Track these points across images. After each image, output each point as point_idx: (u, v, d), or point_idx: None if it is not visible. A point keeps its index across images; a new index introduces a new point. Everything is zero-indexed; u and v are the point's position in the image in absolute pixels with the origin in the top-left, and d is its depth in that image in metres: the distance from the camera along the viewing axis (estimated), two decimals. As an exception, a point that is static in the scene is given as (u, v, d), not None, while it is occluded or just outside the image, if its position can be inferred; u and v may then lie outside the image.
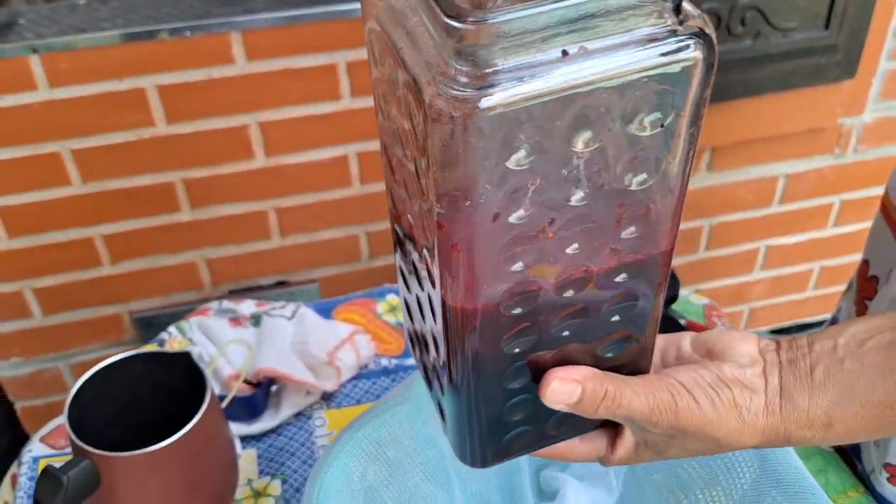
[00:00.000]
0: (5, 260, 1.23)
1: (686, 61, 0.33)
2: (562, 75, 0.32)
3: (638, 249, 0.40)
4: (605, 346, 0.44)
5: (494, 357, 0.42)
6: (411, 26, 0.35)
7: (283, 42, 1.16)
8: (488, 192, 0.34)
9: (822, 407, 0.46)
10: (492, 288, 0.39)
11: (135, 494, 0.70)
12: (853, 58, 1.30)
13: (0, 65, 1.08)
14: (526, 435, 0.48)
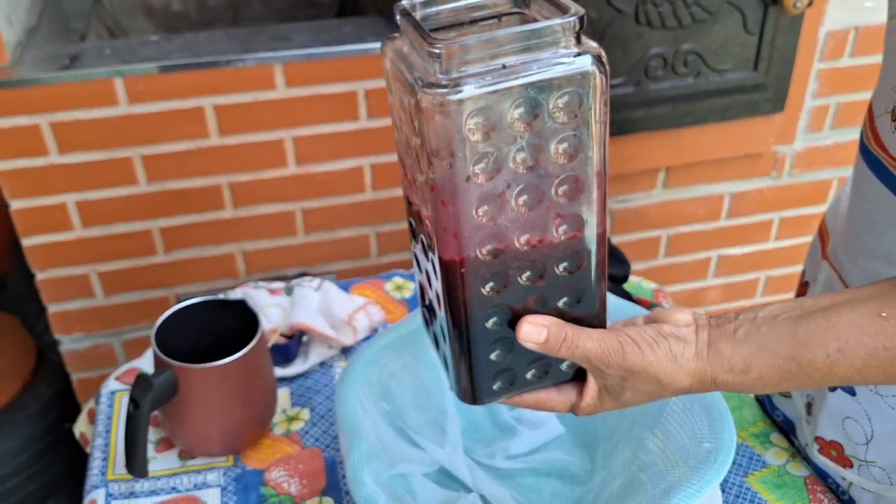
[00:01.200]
0: (77, 247, 1.36)
1: (584, 69, 0.46)
2: (503, 80, 0.45)
3: (574, 219, 0.50)
4: (563, 300, 0.54)
5: (479, 302, 0.52)
6: (408, 57, 0.48)
7: (314, 73, 1.31)
8: (460, 160, 0.46)
9: (741, 356, 0.54)
10: (471, 240, 0.49)
11: (203, 400, 0.84)
12: (781, 95, 1.45)
13: (91, 85, 1.24)
14: (509, 376, 0.56)
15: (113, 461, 0.90)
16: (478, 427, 0.85)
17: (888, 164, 0.65)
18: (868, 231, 0.70)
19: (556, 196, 0.49)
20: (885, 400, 0.71)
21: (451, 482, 0.80)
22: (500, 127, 0.46)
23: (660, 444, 0.74)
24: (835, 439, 0.78)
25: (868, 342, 0.53)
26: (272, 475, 0.87)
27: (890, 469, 0.73)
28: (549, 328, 0.53)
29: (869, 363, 0.53)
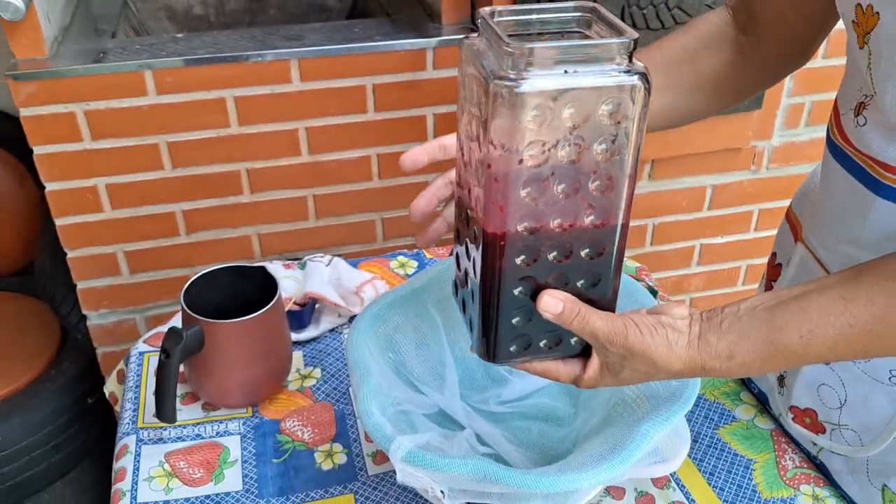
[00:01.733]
0: (106, 227, 1.44)
1: (632, 84, 0.53)
2: (562, 82, 0.52)
3: (603, 211, 0.58)
4: (582, 282, 0.61)
5: (512, 273, 0.59)
6: (483, 54, 0.55)
7: (327, 68, 1.39)
8: (516, 145, 0.53)
9: (726, 344, 0.60)
10: (514, 216, 0.56)
11: (226, 354, 0.91)
12: (758, 93, 1.44)
13: (122, 77, 1.32)
14: (525, 341, 0.63)
15: (143, 412, 0.96)
16: (473, 377, 0.93)
17: (853, 155, 0.70)
18: (838, 218, 0.75)
19: (590, 189, 0.57)
20: (857, 365, 0.77)
21: (449, 423, 0.87)
22: (553, 122, 0.53)
23: (634, 388, 0.81)
24: (809, 407, 0.84)
25: (835, 322, 0.59)
26: (287, 424, 0.94)
27: (861, 431, 0.78)
28: (565, 302, 0.60)
29: (838, 341, 0.60)
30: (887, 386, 0.75)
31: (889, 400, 0.76)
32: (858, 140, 0.70)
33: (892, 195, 0.67)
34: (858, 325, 0.59)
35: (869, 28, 0.64)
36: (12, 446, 1.57)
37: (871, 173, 0.69)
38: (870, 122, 0.68)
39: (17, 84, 1.30)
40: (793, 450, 0.89)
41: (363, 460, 0.90)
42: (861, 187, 0.70)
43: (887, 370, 0.75)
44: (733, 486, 0.86)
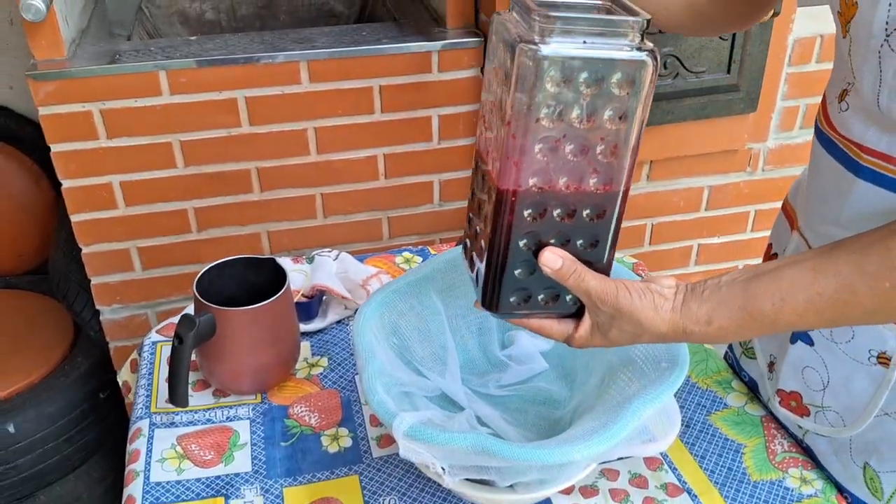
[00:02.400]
0: (120, 223, 1.47)
1: (641, 59, 0.58)
2: (582, 50, 0.57)
3: (606, 176, 0.62)
4: (581, 242, 0.66)
5: (519, 227, 0.64)
6: (513, 26, 0.60)
7: (335, 70, 1.42)
8: (535, 103, 0.58)
9: (705, 310, 0.65)
10: (527, 171, 0.61)
11: (237, 340, 0.94)
12: (753, 96, 1.55)
13: (138, 77, 1.35)
14: (525, 294, 0.68)
15: (156, 397, 0.99)
16: (474, 362, 0.96)
17: (836, 140, 0.76)
18: (822, 200, 0.79)
19: (597, 153, 0.61)
20: (839, 347, 0.80)
21: (450, 405, 0.90)
22: (570, 85, 0.58)
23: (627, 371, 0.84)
24: (795, 390, 0.87)
25: (805, 291, 0.63)
26: (295, 410, 0.97)
27: (843, 412, 0.82)
28: (564, 259, 0.65)
29: (808, 309, 0.64)
30: (867, 366, 0.79)
31: (869, 380, 0.79)
32: (841, 125, 0.74)
33: (871, 176, 0.71)
34: (826, 294, 0.63)
35: (849, 17, 0.69)
36: (26, 439, 1.60)
37: (852, 156, 0.73)
38: (851, 108, 0.73)
39: (36, 83, 1.33)
40: (782, 435, 0.92)
41: (368, 444, 0.93)
42: (843, 169, 0.74)
43: (867, 350, 0.78)
44: (724, 468, 0.89)
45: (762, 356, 0.95)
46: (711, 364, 1.04)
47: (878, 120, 0.70)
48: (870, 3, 0.66)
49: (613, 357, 0.87)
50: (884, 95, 0.67)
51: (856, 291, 0.63)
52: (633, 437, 0.75)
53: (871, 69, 0.68)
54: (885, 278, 0.62)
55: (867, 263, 0.63)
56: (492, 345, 0.98)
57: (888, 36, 0.65)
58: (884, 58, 0.66)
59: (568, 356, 0.96)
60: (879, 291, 0.62)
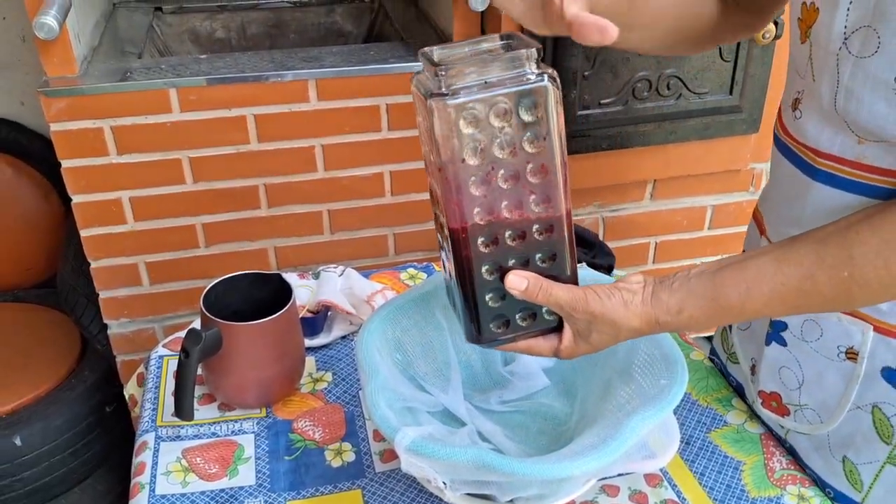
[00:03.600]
0: (129, 238, 1.48)
1: (542, 85, 0.62)
2: (484, 91, 0.62)
3: (543, 194, 0.66)
4: (539, 257, 0.69)
5: (477, 257, 0.68)
6: (426, 82, 0.64)
7: (343, 88, 1.43)
8: (457, 147, 0.63)
9: (676, 300, 0.68)
10: (469, 208, 0.65)
11: (242, 355, 0.95)
12: (755, 117, 1.56)
13: (149, 94, 1.37)
14: (504, 320, 0.71)
15: (161, 411, 1.00)
16: (476, 378, 0.97)
17: (792, 146, 0.80)
18: (783, 204, 0.83)
19: (528, 176, 0.66)
20: (809, 345, 0.83)
21: (452, 421, 0.91)
22: (483, 124, 0.63)
23: (626, 387, 0.85)
24: (774, 390, 0.89)
25: (770, 281, 0.67)
26: (299, 424, 0.97)
27: (819, 408, 0.85)
28: (529, 279, 0.68)
29: (773, 297, 0.67)
30: (837, 362, 0.82)
31: (840, 375, 0.82)
32: (796, 131, 0.78)
33: (826, 179, 0.75)
34: (790, 283, 0.67)
35: (810, 22, 0.73)
36: (32, 452, 1.61)
37: (808, 160, 0.77)
38: (805, 114, 0.77)
39: (48, 100, 1.35)
40: (781, 453, 0.92)
41: (371, 458, 0.93)
42: (800, 174, 0.78)
43: (836, 346, 0.81)
44: (723, 485, 0.89)
45: (744, 360, 0.97)
46: (712, 382, 1.04)
47: (834, 122, 0.73)
48: (830, 8, 0.70)
49: (614, 374, 0.88)
50: (840, 97, 0.71)
51: (816, 280, 0.66)
52: (632, 453, 0.76)
53: (830, 72, 0.71)
54: (843, 268, 0.66)
55: (826, 254, 0.66)
56: (494, 361, 0.99)
57: (846, 39, 0.69)
58: (841, 60, 0.70)
59: (569, 373, 0.97)
60: (838, 280, 0.66)
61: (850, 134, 0.72)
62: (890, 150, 0.70)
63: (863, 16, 0.67)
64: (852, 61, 0.69)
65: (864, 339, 0.79)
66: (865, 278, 0.66)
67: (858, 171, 0.73)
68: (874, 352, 0.79)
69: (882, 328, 0.78)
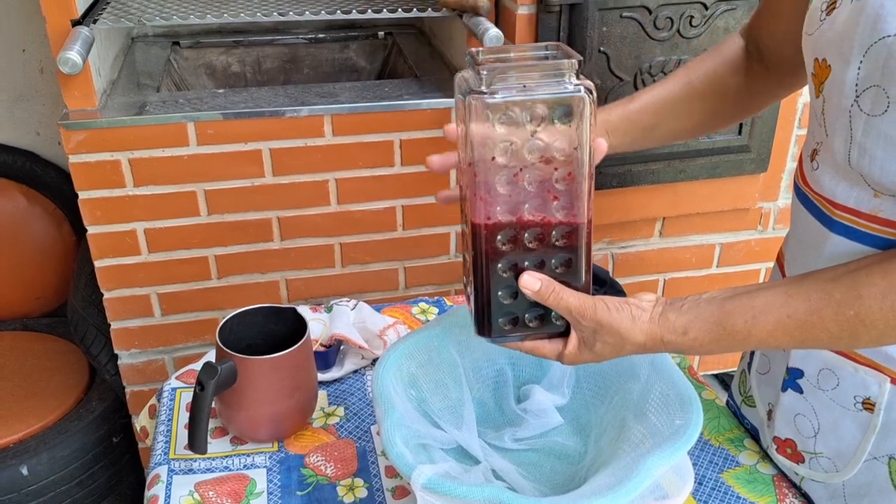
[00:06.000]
0: (143, 269, 1.48)
1: (578, 95, 0.65)
2: (523, 94, 0.65)
3: (567, 200, 0.69)
4: (555, 262, 0.71)
5: (495, 254, 0.70)
6: (469, 80, 0.67)
7: (358, 124, 1.45)
8: (489, 145, 0.66)
9: (682, 322, 0.70)
10: (493, 205, 0.68)
11: (258, 388, 0.95)
12: (764, 157, 1.58)
13: (167, 128, 1.38)
14: (514, 317, 0.73)
15: (174, 443, 1.00)
16: (490, 416, 0.97)
17: (811, 196, 0.81)
18: (802, 251, 0.84)
19: (554, 182, 0.68)
20: (826, 394, 0.84)
21: (466, 458, 0.91)
22: (517, 126, 0.66)
23: (640, 427, 0.85)
24: (789, 437, 0.90)
25: (775, 312, 0.69)
26: (311, 459, 0.97)
27: (835, 457, 0.84)
28: (542, 281, 0.70)
29: (778, 328, 0.69)
30: (853, 412, 0.82)
31: (856, 425, 0.82)
32: (814, 182, 0.79)
33: (842, 230, 0.76)
34: (795, 316, 0.69)
35: (823, 78, 0.74)
36: (39, 482, 1.61)
37: (825, 211, 0.78)
38: (821, 166, 0.78)
39: (68, 133, 1.37)
40: (793, 494, 0.92)
41: (383, 494, 0.93)
42: (817, 223, 0.79)
43: (852, 396, 0.81)
44: (736, 526, 0.90)
45: (761, 404, 0.97)
46: (724, 422, 1.04)
47: (848, 176, 0.74)
48: (842, 65, 0.71)
49: (628, 413, 0.89)
50: (854, 152, 0.72)
51: (823, 316, 0.68)
52: (646, 494, 0.76)
53: (843, 128, 0.72)
54: (851, 307, 0.67)
55: (835, 291, 0.68)
56: (508, 398, 0.99)
57: (858, 96, 0.70)
58: (854, 117, 0.71)
59: (583, 411, 0.97)
60: (844, 318, 0.67)
61: (865, 187, 0.73)
62: None
63: (872, 75, 0.68)
64: (864, 119, 0.70)
65: (882, 391, 0.79)
66: (871, 318, 0.67)
67: (874, 225, 0.73)
68: (891, 403, 0.79)
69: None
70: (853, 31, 0.69)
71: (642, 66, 1.47)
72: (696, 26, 1.45)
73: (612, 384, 0.95)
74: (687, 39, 1.46)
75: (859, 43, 0.69)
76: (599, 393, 0.96)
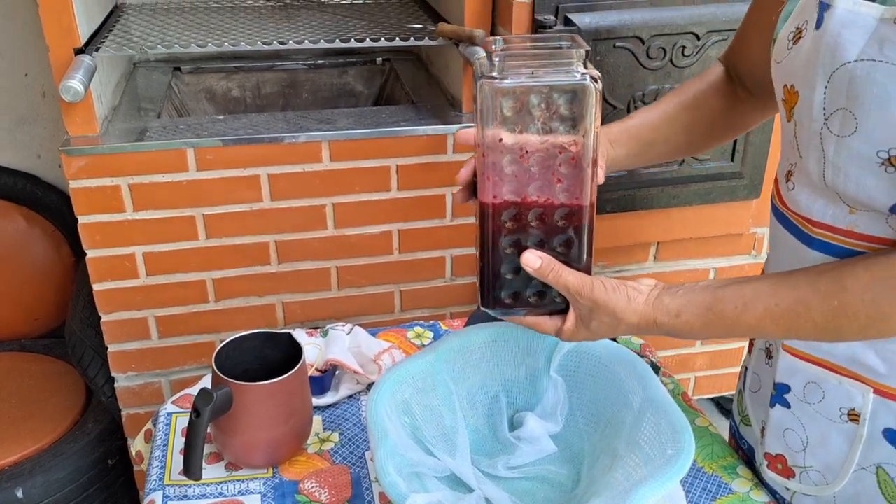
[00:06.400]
0: (140, 293, 1.49)
1: (583, 83, 0.69)
2: (531, 80, 0.69)
3: (570, 183, 0.72)
4: (556, 241, 0.75)
5: (501, 232, 0.75)
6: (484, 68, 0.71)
7: (355, 150, 1.46)
8: (497, 126, 0.70)
9: (676, 305, 0.75)
10: (499, 184, 0.72)
11: (253, 414, 0.95)
12: (756, 182, 1.59)
13: (167, 153, 1.39)
14: (515, 291, 0.78)
15: (169, 469, 1.00)
16: (483, 443, 0.98)
17: (788, 215, 0.83)
18: (781, 268, 0.83)
19: (558, 165, 0.72)
20: (812, 407, 0.85)
21: (459, 486, 0.91)
22: (525, 109, 0.70)
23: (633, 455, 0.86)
24: (779, 452, 0.91)
25: (765, 300, 0.73)
26: (306, 486, 0.97)
27: (824, 470, 0.86)
28: (543, 259, 0.74)
29: (765, 315, 0.73)
30: (839, 424, 0.84)
31: (843, 436, 0.84)
32: (791, 202, 0.82)
33: (821, 247, 0.79)
34: (783, 305, 0.72)
35: (793, 103, 0.78)
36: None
37: (803, 229, 0.81)
38: (797, 186, 0.81)
39: (69, 158, 1.38)
40: (785, 521, 0.93)
41: (378, 521, 0.93)
42: (796, 241, 0.82)
43: (838, 408, 0.83)
44: (728, 554, 0.90)
45: (755, 422, 0.98)
46: (717, 449, 1.05)
47: (824, 194, 0.77)
48: (808, 91, 0.74)
49: (620, 442, 0.89)
50: (828, 171, 0.75)
51: (809, 306, 0.71)
52: (639, 523, 0.77)
53: (815, 149, 0.75)
54: (835, 297, 0.70)
55: (821, 283, 0.72)
56: (501, 426, 0.99)
57: (826, 119, 0.73)
58: (825, 138, 0.74)
59: (576, 439, 0.97)
60: (828, 308, 0.71)
61: (841, 204, 0.76)
62: (880, 219, 0.73)
63: (837, 99, 0.72)
64: (835, 140, 0.73)
65: (865, 401, 0.81)
66: (854, 310, 0.70)
67: (851, 240, 0.76)
68: (875, 413, 0.81)
69: (882, 391, 0.80)
70: (816, 58, 0.73)
71: (635, 95, 1.49)
72: (688, 56, 1.47)
73: (604, 412, 0.95)
74: (679, 69, 1.48)
75: (822, 70, 0.72)
76: (592, 421, 0.97)
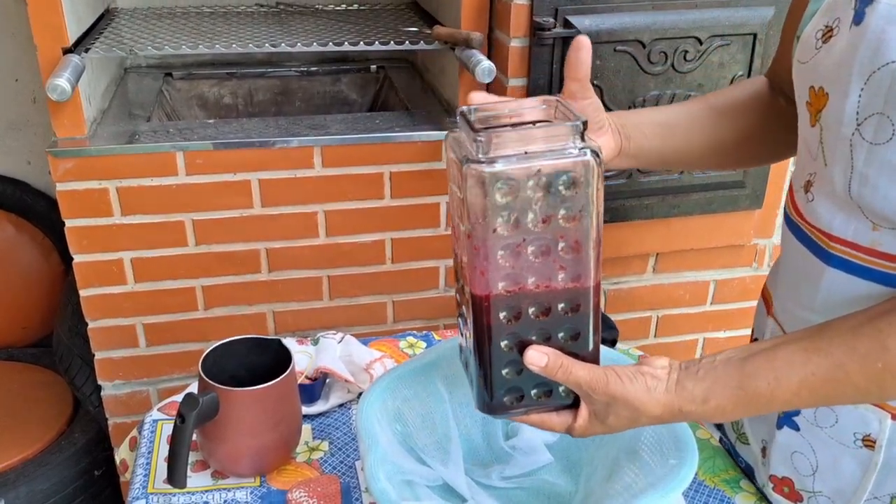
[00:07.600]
0: (128, 299, 1.47)
1: (584, 160, 0.61)
2: (524, 162, 0.60)
3: (573, 271, 0.64)
4: (562, 335, 0.67)
5: (498, 329, 0.66)
6: (462, 144, 0.63)
7: (347, 156, 1.45)
8: (489, 216, 0.61)
9: (701, 389, 0.66)
10: (494, 278, 0.63)
11: (240, 420, 0.93)
12: (758, 193, 1.58)
13: (155, 157, 1.38)
14: (518, 393, 0.69)
15: (153, 477, 0.98)
16: (477, 452, 0.95)
17: (805, 228, 0.78)
18: (794, 285, 0.82)
19: (559, 251, 0.64)
20: (824, 431, 0.81)
21: (452, 496, 0.89)
22: (519, 195, 0.61)
23: (633, 466, 0.83)
24: (786, 475, 0.87)
25: (799, 371, 0.66)
26: (294, 495, 0.95)
27: (834, 496, 0.83)
28: (549, 356, 0.66)
29: (802, 387, 0.66)
30: (853, 449, 0.80)
31: (856, 462, 0.80)
32: (809, 214, 0.77)
33: (839, 264, 0.74)
34: (819, 373, 0.66)
35: (820, 107, 0.73)
36: (17, 516, 1.59)
37: (821, 244, 0.76)
38: (817, 197, 0.76)
39: (56, 160, 1.36)
40: (789, 535, 0.90)
41: (367, 532, 0.90)
42: (812, 257, 0.77)
43: (852, 433, 0.79)
44: (731, 571, 0.87)
45: (755, 441, 0.95)
46: (719, 462, 1.02)
47: (846, 207, 0.73)
48: (840, 94, 0.69)
49: (620, 451, 0.86)
50: (855, 182, 0.70)
51: (848, 371, 0.65)
52: (638, 536, 0.74)
53: (843, 157, 0.71)
54: (878, 359, 0.64)
55: (859, 345, 0.65)
56: (496, 435, 0.97)
57: (859, 124, 0.68)
58: (855, 146, 0.69)
59: (573, 449, 0.95)
60: (871, 372, 0.65)
61: (864, 219, 0.72)
62: None
63: (874, 102, 0.67)
64: (867, 147, 0.69)
65: (882, 427, 0.77)
66: None
67: (873, 258, 0.72)
68: (893, 440, 0.77)
69: None
70: (852, 58, 0.68)
71: (636, 100, 1.47)
72: (690, 61, 1.45)
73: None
74: (681, 74, 1.47)
75: (859, 70, 0.68)
76: (590, 429, 0.94)
